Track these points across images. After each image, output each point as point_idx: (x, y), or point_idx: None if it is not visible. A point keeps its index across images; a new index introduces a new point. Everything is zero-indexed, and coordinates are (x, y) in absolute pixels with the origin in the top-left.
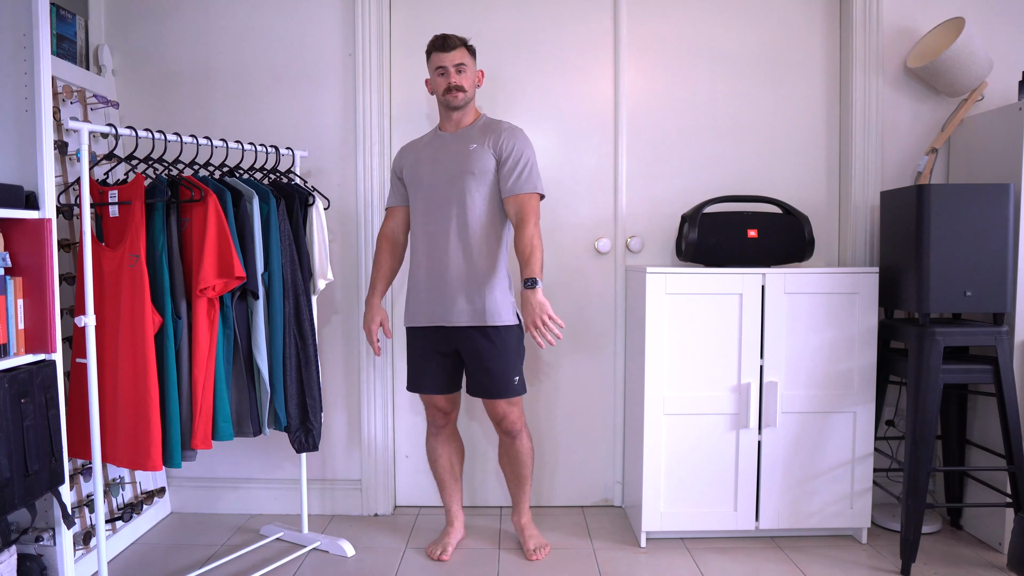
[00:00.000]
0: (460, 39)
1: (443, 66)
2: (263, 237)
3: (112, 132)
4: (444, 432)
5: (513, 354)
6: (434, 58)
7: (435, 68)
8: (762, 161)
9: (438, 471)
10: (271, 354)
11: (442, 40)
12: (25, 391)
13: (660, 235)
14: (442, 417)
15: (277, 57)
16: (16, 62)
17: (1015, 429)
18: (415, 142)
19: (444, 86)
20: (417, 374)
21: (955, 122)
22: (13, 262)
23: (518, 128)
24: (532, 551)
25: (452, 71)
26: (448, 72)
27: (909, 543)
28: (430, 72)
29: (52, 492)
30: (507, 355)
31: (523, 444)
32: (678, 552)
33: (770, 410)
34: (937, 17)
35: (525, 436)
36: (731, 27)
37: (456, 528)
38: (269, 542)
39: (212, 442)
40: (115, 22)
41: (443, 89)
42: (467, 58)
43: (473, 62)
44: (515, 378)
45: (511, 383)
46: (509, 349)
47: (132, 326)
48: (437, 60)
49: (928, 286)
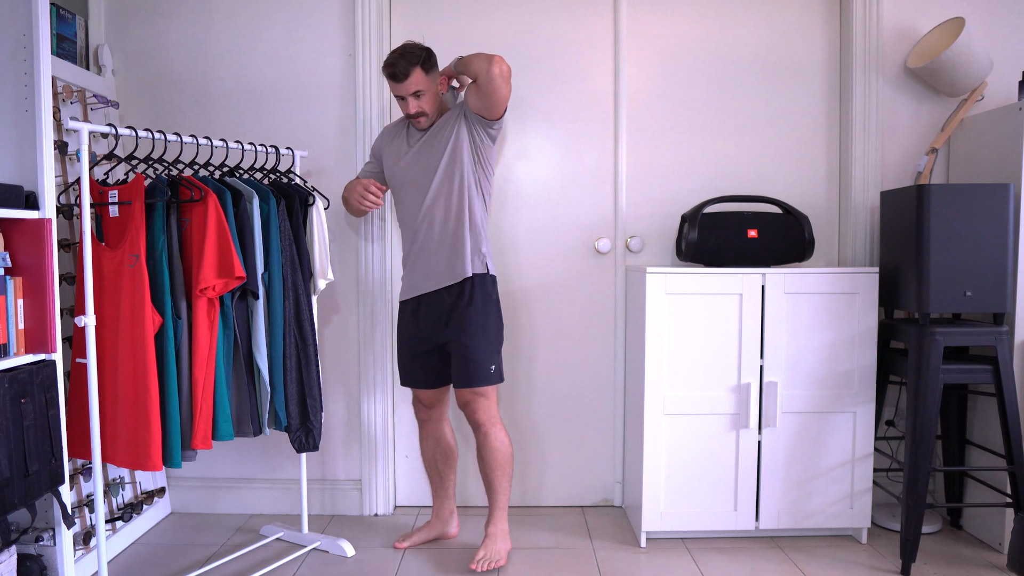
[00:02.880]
0: (409, 61)
1: (400, 95)
2: (263, 237)
3: (112, 132)
4: (426, 426)
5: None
6: (390, 85)
7: (393, 94)
8: (762, 161)
9: (424, 465)
10: (271, 354)
11: (390, 71)
12: (25, 391)
13: (660, 235)
14: (425, 411)
15: (277, 57)
16: (16, 62)
17: (1015, 429)
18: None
19: (405, 112)
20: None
21: (955, 122)
22: (13, 262)
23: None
24: (478, 560)
25: (410, 100)
26: (407, 101)
27: (909, 543)
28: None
29: (52, 492)
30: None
31: (493, 442)
32: (678, 552)
33: (770, 410)
34: (937, 17)
35: (497, 434)
36: (731, 27)
37: (431, 524)
38: (269, 542)
39: (212, 442)
40: (115, 22)
41: (404, 115)
42: (422, 81)
43: (431, 77)
44: (489, 367)
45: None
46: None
47: (132, 326)
48: (392, 89)
49: (928, 286)
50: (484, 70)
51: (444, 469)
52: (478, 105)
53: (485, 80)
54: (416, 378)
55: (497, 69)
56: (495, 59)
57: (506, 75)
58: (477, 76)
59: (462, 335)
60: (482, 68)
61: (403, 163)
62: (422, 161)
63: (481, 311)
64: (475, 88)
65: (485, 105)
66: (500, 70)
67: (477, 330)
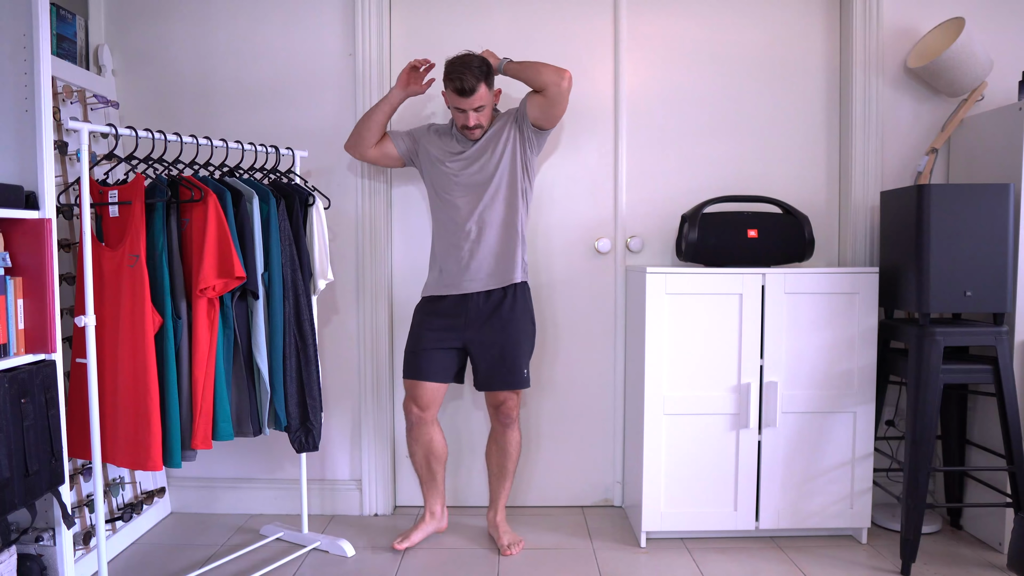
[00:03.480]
0: (475, 76)
1: (462, 109)
2: (263, 237)
3: (112, 132)
4: (417, 428)
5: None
6: (452, 97)
7: (453, 105)
8: (762, 161)
9: (414, 466)
10: (271, 354)
11: (460, 84)
12: (25, 391)
13: (660, 235)
14: (417, 411)
15: (277, 57)
16: (16, 62)
17: (1015, 429)
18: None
19: (462, 123)
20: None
21: (955, 122)
22: (13, 262)
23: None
24: (507, 546)
25: (471, 115)
26: (467, 115)
27: (909, 543)
28: (447, 99)
29: (52, 492)
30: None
31: (514, 436)
32: (678, 552)
33: (770, 410)
34: (937, 17)
35: (517, 429)
36: (731, 27)
37: (427, 522)
38: (269, 542)
39: (212, 442)
40: (115, 22)
41: (461, 125)
42: (485, 96)
43: (490, 90)
44: (524, 370)
45: (520, 374)
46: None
47: (132, 326)
48: (455, 101)
49: (928, 286)
50: (555, 83)
51: (436, 467)
52: (539, 116)
53: (555, 92)
54: (429, 370)
55: (567, 83)
56: (565, 73)
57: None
58: (545, 88)
59: (505, 339)
60: (552, 80)
61: (454, 165)
62: (476, 166)
63: (523, 317)
64: (540, 99)
65: (548, 116)
66: (569, 84)
67: (521, 335)
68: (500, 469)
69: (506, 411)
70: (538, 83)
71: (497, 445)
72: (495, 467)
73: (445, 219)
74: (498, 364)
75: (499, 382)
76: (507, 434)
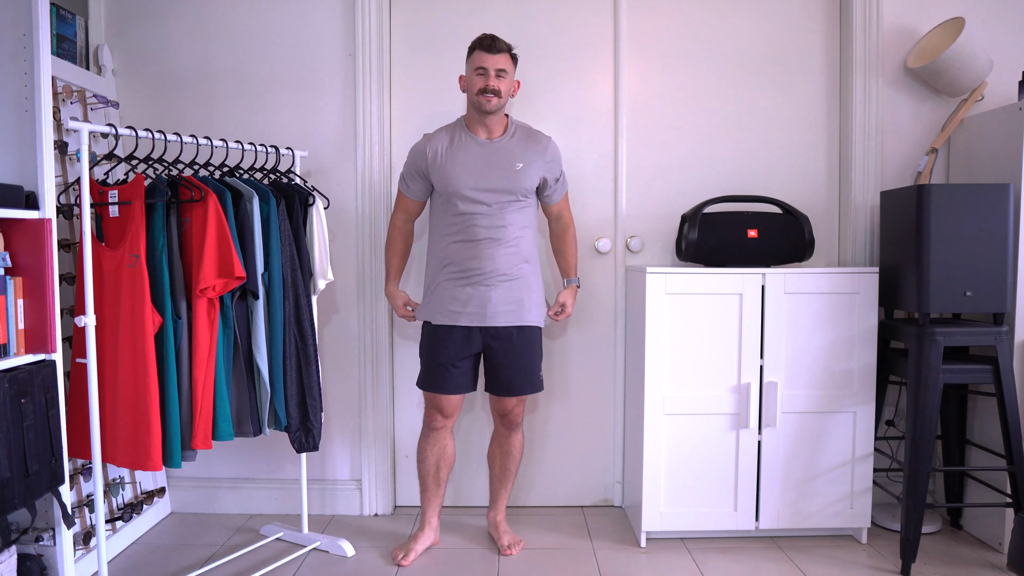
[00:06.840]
0: (507, 44)
1: (484, 67)
2: (263, 237)
3: (112, 132)
4: (437, 435)
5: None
6: (476, 56)
7: (475, 67)
8: (762, 161)
9: (422, 472)
10: (271, 354)
11: (490, 41)
12: (25, 391)
13: (660, 235)
14: (441, 420)
15: (277, 57)
16: (16, 62)
17: (1015, 429)
18: (438, 139)
19: (480, 86)
20: (439, 375)
21: (955, 122)
22: (13, 262)
23: (555, 145)
24: (507, 546)
25: (492, 74)
26: (488, 74)
27: (909, 543)
28: (468, 70)
29: (52, 492)
30: (536, 354)
31: (518, 439)
32: (678, 552)
33: (770, 410)
34: (937, 17)
35: (521, 432)
36: (731, 26)
37: (426, 534)
38: (269, 542)
39: (212, 442)
40: (115, 22)
41: (478, 89)
42: (509, 65)
43: (514, 70)
44: (540, 375)
45: (537, 379)
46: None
47: (132, 326)
48: (479, 59)
49: (928, 286)
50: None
51: (444, 473)
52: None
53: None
54: (453, 383)
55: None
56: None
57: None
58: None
59: (523, 348)
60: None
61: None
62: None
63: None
64: (561, 234)
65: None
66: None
67: (535, 344)
68: (503, 471)
69: (514, 416)
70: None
71: (501, 448)
72: (497, 469)
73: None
74: (517, 371)
75: (519, 387)
76: (512, 437)
